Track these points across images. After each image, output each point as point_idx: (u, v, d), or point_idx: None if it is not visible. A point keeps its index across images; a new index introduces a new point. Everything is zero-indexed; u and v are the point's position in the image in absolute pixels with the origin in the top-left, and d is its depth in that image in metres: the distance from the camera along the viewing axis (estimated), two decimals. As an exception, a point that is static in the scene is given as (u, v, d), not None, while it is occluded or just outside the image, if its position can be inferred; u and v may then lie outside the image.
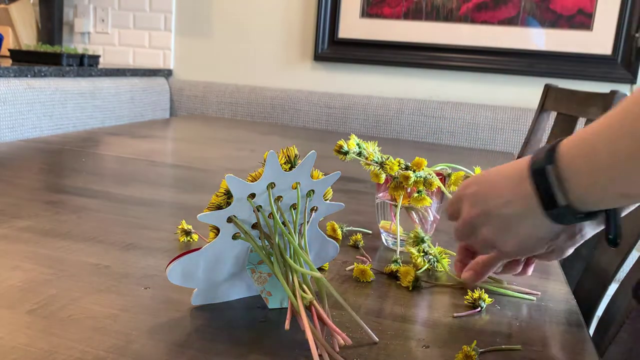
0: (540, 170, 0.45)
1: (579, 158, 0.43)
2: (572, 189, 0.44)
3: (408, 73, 2.22)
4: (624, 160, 0.39)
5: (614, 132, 0.40)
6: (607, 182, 0.41)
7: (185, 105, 2.38)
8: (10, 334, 0.46)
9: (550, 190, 0.45)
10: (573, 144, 0.44)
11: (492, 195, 0.50)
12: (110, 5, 2.47)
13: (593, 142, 0.42)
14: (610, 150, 0.40)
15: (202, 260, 0.51)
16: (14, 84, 1.64)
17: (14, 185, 0.95)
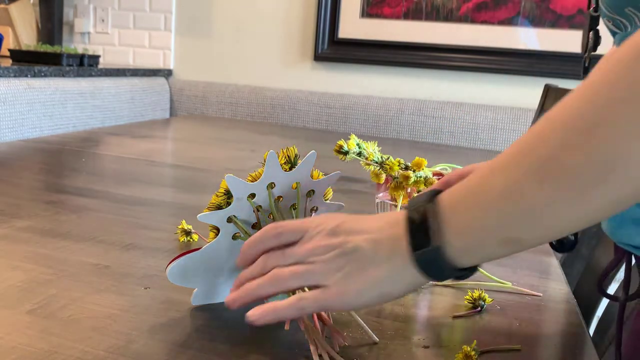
0: (419, 208, 0.41)
1: (460, 203, 0.40)
2: (449, 231, 0.39)
3: (408, 73, 2.22)
4: (496, 198, 0.37)
5: (489, 171, 0.39)
6: (484, 222, 0.38)
7: (185, 105, 2.38)
8: (10, 334, 0.46)
9: (425, 226, 0.40)
10: (455, 187, 0.41)
11: (358, 228, 0.44)
12: (110, 5, 2.47)
13: (473, 184, 0.40)
14: (485, 188, 0.38)
15: (202, 260, 0.51)
16: (14, 84, 1.64)
17: (14, 185, 0.95)
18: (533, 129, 0.38)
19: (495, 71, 2.11)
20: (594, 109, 0.34)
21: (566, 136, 0.35)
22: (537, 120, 0.55)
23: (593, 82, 0.35)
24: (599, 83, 0.35)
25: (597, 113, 0.34)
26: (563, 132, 0.35)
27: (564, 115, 0.36)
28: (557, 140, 0.35)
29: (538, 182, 0.36)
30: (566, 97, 0.37)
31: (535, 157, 0.36)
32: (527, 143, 0.37)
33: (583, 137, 0.34)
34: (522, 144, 0.38)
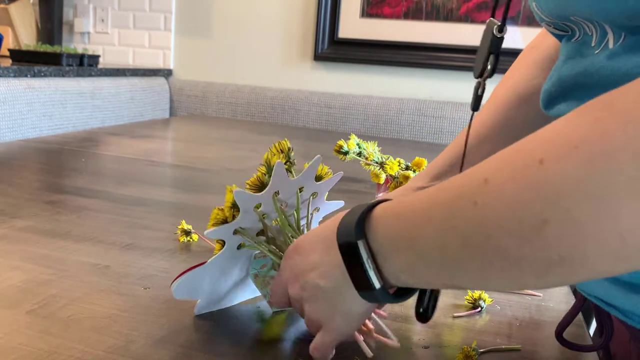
0: (350, 245, 0.38)
1: (399, 239, 0.36)
2: (390, 269, 0.37)
3: (408, 73, 2.22)
4: (451, 254, 0.33)
5: (442, 224, 0.33)
6: (432, 270, 0.35)
7: (185, 105, 2.38)
8: (10, 334, 0.46)
9: (363, 270, 0.37)
10: (391, 217, 0.37)
11: (307, 265, 0.43)
12: (110, 5, 2.47)
13: (415, 223, 0.35)
14: (436, 241, 0.34)
15: (207, 273, 0.51)
16: (13, 84, 1.64)
17: (13, 185, 0.95)
18: (471, 176, 0.33)
19: (495, 71, 2.11)
20: (544, 200, 0.28)
21: (508, 224, 0.30)
22: None
23: (545, 158, 0.29)
24: (550, 160, 0.28)
25: (548, 207, 0.28)
26: (505, 217, 0.30)
27: (505, 194, 0.30)
28: (496, 222, 0.30)
29: (476, 260, 0.32)
30: (504, 154, 0.32)
31: (471, 226, 0.31)
32: (467, 200, 0.32)
33: (531, 231, 0.29)
34: (464, 196, 0.32)
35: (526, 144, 0.31)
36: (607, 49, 0.42)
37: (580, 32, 0.46)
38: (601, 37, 0.43)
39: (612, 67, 0.41)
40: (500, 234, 0.30)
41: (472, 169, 0.34)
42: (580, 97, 0.46)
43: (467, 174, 0.33)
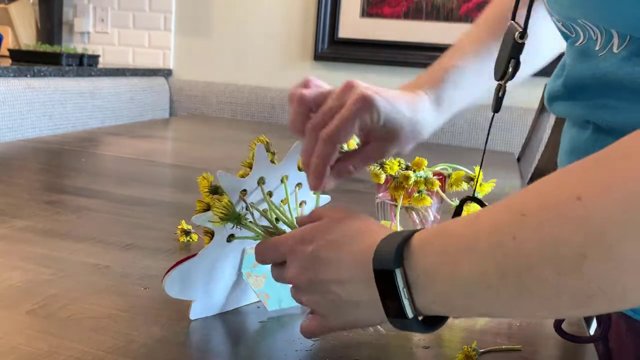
0: (387, 272, 0.37)
1: (437, 271, 0.36)
2: (423, 300, 0.37)
3: (408, 73, 2.21)
4: (490, 286, 0.34)
5: (481, 256, 0.34)
6: (468, 301, 0.36)
7: (185, 105, 2.38)
8: (10, 334, 0.46)
9: (398, 299, 0.37)
10: (430, 248, 0.37)
11: (329, 268, 0.42)
12: (110, 5, 2.47)
13: (453, 255, 0.35)
14: (475, 274, 0.34)
15: (199, 267, 0.50)
16: (13, 84, 1.64)
17: (13, 185, 0.95)
18: (509, 216, 0.33)
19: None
20: (583, 237, 0.29)
21: (548, 259, 0.30)
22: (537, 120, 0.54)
23: (586, 194, 0.30)
24: (589, 198, 0.29)
25: (587, 243, 0.29)
26: (545, 252, 0.30)
27: (544, 229, 0.31)
28: (536, 256, 0.31)
29: (513, 289, 0.33)
30: (549, 186, 0.32)
31: (510, 258, 0.32)
32: (506, 234, 0.32)
33: (571, 265, 0.30)
34: (502, 230, 0.33)
35: (563, 180, 0.32)
36: (611, 52, 0.43)
37: (585, 37, 0.46)
38: (606, 42, 0.44)
39: (618, 72, 0.42)
40: (540, 268, 0.31)
41: (509, 202, 0.34)
42: (585, 98, 0.47)
43: (505, 207, 0.34)
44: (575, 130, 0.50)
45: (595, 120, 0.46)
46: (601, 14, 0.42)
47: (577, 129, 0.50)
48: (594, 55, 0.45)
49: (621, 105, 0.43)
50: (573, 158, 0.50)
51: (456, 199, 0.72)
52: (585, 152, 0.47)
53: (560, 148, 0.55)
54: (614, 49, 0.42)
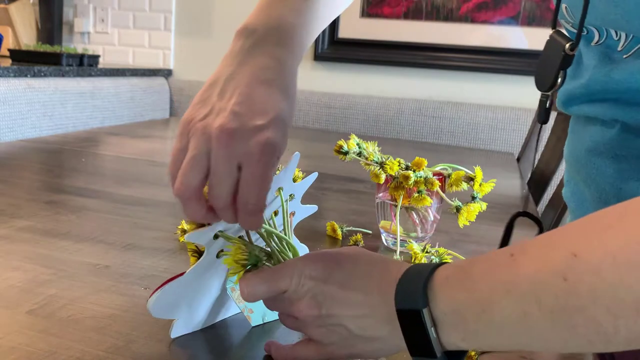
0: (413, 312, 0.36)
1: (467, 310, 0.35)
2: (450, 338, 0.36)
3: (408, 73, 2.22)
4: (531, 325, 0.32)
5: (522, 296, 0.32)
6: (502, 338, 0.35)
7: (185, 105, 2.38)
8: (10, 334, 0.46)
9: (424, 338, 0.36)
10: (457, 287, 0.36)
11: (344, 304, 0.40)
12: (110, 5, 2.47)
13: (487, 295, 0.34)
14: (514, 313, 0.33)
15: (185, 287, 0.47)
16: (13, 84, 1.64)
17: (14, 185, 0.95)
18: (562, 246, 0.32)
19: (495, 71, 2.11)
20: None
21: (605, 302, 0.29)
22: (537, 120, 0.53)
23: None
24: None
25: None
26: (602, 296, 0.29)
27: (602, 272, 0.29)
28: (591, 299, 0.30)
29: (561, 330, 0.32)
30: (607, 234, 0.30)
31: (561, 299, 0.31)
32: (555, 275, 0.31)
33: (631, 310, 0.29)
34: (550, 270, 0.32)
35: (620, 221, 0.30)
36: (639, 55, 0.42)
37: (600, 36, 0.46)
38: (633, 43, 0.43)
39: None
40: (594, 310, 0.30)
41: (552, 239, 0.33)
42: (613, 99, 0.47)
43: (550, 246, 0.33)
44: (599, 128, 0.49)
45: (626, 119, 0.46)
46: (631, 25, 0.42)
47: (599, 126, 0.49)
48: (618, 57, 0.45)
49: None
50: (595, 156, 0.49)
51: (456, 199, 0.72)
52: (610, 150, 0.47)
53: (575, 145, 0.54)
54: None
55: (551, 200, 1.19)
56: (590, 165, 0.50)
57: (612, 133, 0.47)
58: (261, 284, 0.43)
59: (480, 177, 0.71)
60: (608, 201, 0.50)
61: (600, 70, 0.47)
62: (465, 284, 0.35)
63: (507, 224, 0.54)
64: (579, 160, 0.53)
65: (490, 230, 0.87)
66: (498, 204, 1.01)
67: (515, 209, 1.08)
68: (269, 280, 0.42)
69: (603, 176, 0.49)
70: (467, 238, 0.82)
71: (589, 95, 0.49)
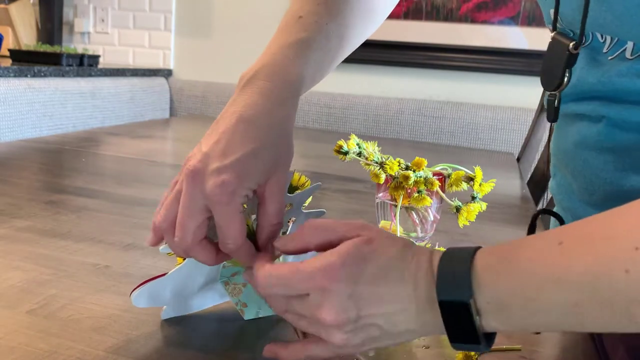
0: (459, 304, 0.35)
1: (513, 299, 0.35)
2: (491, 324, 0.36)
3: (408, 73, 2.22)
4: (582, 312, 0.33)
5: (575, 287, 0.33)
6: (547, 325, 0.35)
7: (185, 105, 2.38)
8: (10, 334, 0.46)
9: (469, 327, 0.36)
10: (502, 274, 0.35)
11: (379, 300, 0.38)
12: (110, 5, 2.47)
13: (537, 284, 0.34)
14: (567, 302, 0.33)
15: (169, 282, 0.49)
16: (13, 84, 1.64)
17: (13, 185, 0.95)
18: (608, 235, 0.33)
19: (495, 71, 2.11)
20: None
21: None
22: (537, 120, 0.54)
23: None
24: None
25: None
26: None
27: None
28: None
29: (617, 320, 0.32)
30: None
31: (619, 291, 0.32)
32: (615, 267, 0.32)
33: None
34: (610, 262, 0.32)
35: None
36: (623, 58, 0.43)
37: (587, 39, 0.46)
38: (617, 46, 0.44)
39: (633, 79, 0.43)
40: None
41: (604, 228, 0.33)
42: (598, 98, 0.48)
43: (607, 238, 0.33)
44: (586, 123, 0.51)
45: (611, 115, 0.47)
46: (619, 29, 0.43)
47: (587, 122, 0.50)
48: (604, 59, 0.46)
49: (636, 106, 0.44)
50: (582, 149, 0.50)
51: (456, 199, 0.72)
52: (597, 143, 0.48)
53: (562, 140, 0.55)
54: (627, 54, 0.44)
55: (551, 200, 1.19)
56: (577, 158, 0.51)
57: (598, 127, 0.49)
58: (281, 285, 0.40)
59: (480, 177, 0.71)
60: (594, 192, 0.51)
61: (587, 72, 0.49)
62: (511, 273, 0.35)
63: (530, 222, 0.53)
64: (566, 153, 0.54)
65: (490, 230, 0.87)
66: (498, 204, 1.01)
67: (516, 209, 1.08)
68: (288, 281, 0.39)
69: (590, 168, 0.50)
70: (467, 238, 0.82)
71: (577, 95, 0.50)
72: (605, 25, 0.45)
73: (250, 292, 0.52)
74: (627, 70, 0.44)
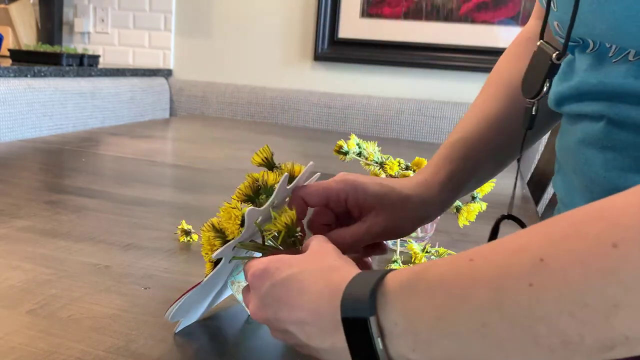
0: (359, 321, 0.34)
1: (420, 318, 0.33)
2: (399, 349, 0.34)
3: (408, 73, 2.22)
4: (491, 334, 0.31)
5: (482, 304, 0.31)
6: (457, 351, 0.32)
7: (185, 105, 2.38)
8: (10, 334, 0.46)
9: (371, 349, 0.34)
10: (412, 293, 0.34)
11: (288, 306, 0.39)
12: (110, 5, 2.47)
13: (444, 301, 0.32)
14: (473, 321, 0.31)
15: (200, 292, 0.49)
16: (13, 84, 1.64)
17: (13, 185, 0.95)
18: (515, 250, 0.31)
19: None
20: (617, 285, 0.27)
21: (570, 308, 0.28)
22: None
23: (600, 235, 0.28)
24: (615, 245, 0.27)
25: (621, 292, 0.27)
26: (568, 301, 0.28)
27: (570, 277, 0.28)
28: (556, 305, 0.28)
29: (522, 340, 0.30)
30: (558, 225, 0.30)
31: (524, 307, 0.29)
32: (519, 281, 0.29)
33: (597, 315, 0.27)
34: (514, 276, 0.30)
35: (590, 224, 0.29)
36: (626, 61, 0.45)
37: (596, 45, 0.47)
38: (621, 50, 0.45)
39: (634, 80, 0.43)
40: (559, 317, 0.28)
41: (518, 243, 0.31)
42: (599, 99, 0.49)
43: (514, 251, 0.31)
44: (587, 122, 0.51)
45: (611, 115, 0.48)
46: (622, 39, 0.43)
47: (588, 121, 0.51)
48: (608, 60, 0.47)
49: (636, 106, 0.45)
50: (584, 147, 0.51)
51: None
52: (598, 141, 0.49)
53: (565, 138, 0.56)
54: (630, 57, 0.44)
55: (551, 200, 1.19)
56: (579, 155, 0.52)
57: (599, 126, 0.49)
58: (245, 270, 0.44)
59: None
60: (594, 189, 0.51)
61: (590, 74, 0.49)
62: (419, 289, 0.33)
63: (492, 227, 0.54)
64: (569, 151, 0.55)
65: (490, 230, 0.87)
66: (498, 204, 1.01)
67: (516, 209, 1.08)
68: (246, 268, 0.44)
69: (591, 166, 0.50)
70: (467, 238, 0.82)
71: (579, 96, 0.51)
72: (602, 35, 0.45)
73: None
74: (626, 71, 0.45)
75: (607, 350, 0.28)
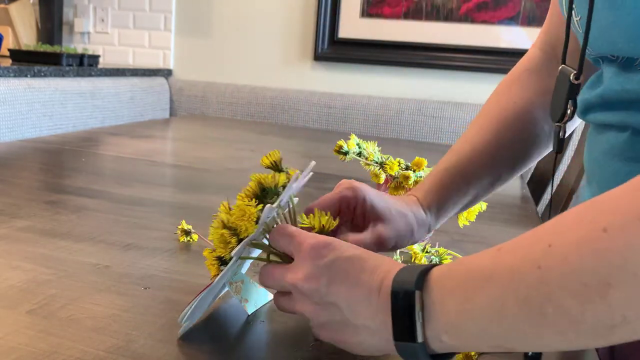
0: (406, 293, 0.38)
1: (452, 298, 0.36)
2: (435, 327, 0.37)
3: (408, 73, 2.22)
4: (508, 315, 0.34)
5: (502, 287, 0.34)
6: (481, 332, 0.35)
7: (185, 105, 2.38)
8: (10, 334, 0.46)
9: (410, 320, 0.37)
10: (448, 279, 0.37)
11: (345, 281, 0.42)
12: (110, 5, 2.47)
13: (471, 284, 0.36)
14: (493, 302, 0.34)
15: (209, 293, 0.49)
16: (13, 84, 1.64)
17: (13, 185, 0.95)
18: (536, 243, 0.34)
19: (495, 71, 2.11)
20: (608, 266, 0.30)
21: (571, 287, 0.31)
22: None
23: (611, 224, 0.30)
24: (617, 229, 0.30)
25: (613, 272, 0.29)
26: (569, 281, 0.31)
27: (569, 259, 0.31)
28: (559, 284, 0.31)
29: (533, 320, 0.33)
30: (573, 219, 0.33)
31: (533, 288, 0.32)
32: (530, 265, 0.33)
33: (595, 294, 0.30)
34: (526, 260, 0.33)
35: (587, 213, 0.33)
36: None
37: (622, 56, 0.48)
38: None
39: None
40: (562, 296, 0.31)
41: (536, 233, 0.35)
42: (624, 107, 0.49)
43: (531, 238, 0.35)
44: (613, 132, 0.51)
45: (635, 125, 0.48)
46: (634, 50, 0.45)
47: (614, 132, 0.51)
48: (633, 69, 0.47)
49: None
50: (610, 159, 0.52)
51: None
52: (622, 153, 0.49)
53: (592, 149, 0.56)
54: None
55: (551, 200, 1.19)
56: (605, 167, 0.52)
57: (624, 137, 0.49)
58: (282, 238, 0.47)
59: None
60: None
61: (615, 81, 0.50)
62: (455, 274, 0.37)
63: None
64: (596, 162, 0.55)
65: (490, 230, 0.87)
66: (498, 204, 1.01)
67: (516, 209, 1.08)
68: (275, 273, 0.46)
69: (616, 177, 0.50)
70: (467, 238, 0.82)
71: (604, 105, 0.52)
72: (623, 49, 0.46)
73: (248, 288, 0.53)
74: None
75: (609, 330, 0.30)
